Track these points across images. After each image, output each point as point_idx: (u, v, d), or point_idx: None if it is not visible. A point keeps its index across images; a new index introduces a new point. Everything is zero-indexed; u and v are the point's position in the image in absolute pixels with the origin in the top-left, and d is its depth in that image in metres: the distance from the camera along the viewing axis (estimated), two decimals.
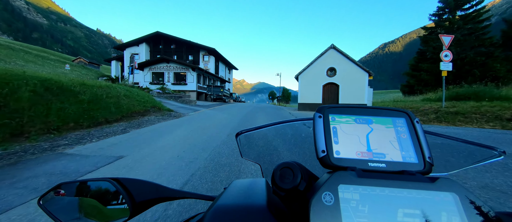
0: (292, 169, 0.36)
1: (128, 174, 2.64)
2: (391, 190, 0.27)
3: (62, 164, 2.96)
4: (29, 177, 2.47)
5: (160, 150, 3.68)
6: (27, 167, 2.81)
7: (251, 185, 0.42)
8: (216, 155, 3.38)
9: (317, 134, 0.35)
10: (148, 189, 0.39)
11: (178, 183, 2.38)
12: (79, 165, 2.91)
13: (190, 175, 2.58)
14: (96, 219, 0.36)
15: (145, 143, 4.18)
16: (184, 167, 2.84)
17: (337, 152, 0.33)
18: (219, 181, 2.44)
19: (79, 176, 2.56)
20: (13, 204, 1.85)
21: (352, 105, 0.38)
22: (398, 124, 0.36)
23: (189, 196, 0.43)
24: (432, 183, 0.27)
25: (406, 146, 0.33)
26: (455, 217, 0.25)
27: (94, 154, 3.41)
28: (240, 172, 2.72)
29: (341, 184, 0.27)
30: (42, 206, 0.37)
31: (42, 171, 2.65)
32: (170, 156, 3.34)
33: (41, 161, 3.04)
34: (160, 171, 2.70)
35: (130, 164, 2.99)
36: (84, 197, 0.38)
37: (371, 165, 0.32)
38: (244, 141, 0.57)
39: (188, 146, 3.97)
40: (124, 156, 3.31)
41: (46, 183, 2.30)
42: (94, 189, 0.38)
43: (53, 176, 2.50)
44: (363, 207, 0.26)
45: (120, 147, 3.85)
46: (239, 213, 0.32)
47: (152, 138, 4.66)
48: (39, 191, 2.13)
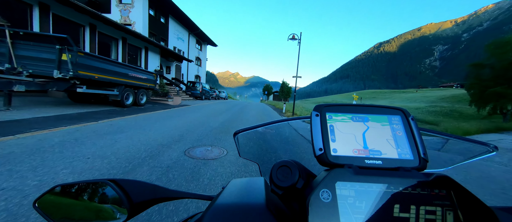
0: (290, 167, 0.37)
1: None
2: (388, 186, 0.27)
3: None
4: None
5: None
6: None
7: (249, 184, 0.42)
8: None
9: (314, 132, 0.35)
10: (146, 190, 0.39)
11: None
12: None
13: None
14: (93, 220, 0.36)
15: None
16: None
17: (334, 150, 0.33)
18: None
19: None
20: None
21: (349, 104, 0.39)
22: (394, 122, 0.36)
23: (187, 196, 0.43)
24: (428, 179, 0.28)
25: (401, 143, 0.34)
26: (450, 212, 0.25)
27: None
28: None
29: (338, 181, 0.28)
30: (37, 208, 0.36)
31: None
32: None
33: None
34: None
35: None
36: (81, 199, 0.37)
37: (367, 162, 0.32)
38: (242, 140, 0.57)
39: None
40: None
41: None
42: (91, 190, 0.37)
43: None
44: (360, 203, 0.26)
45: None
46: (237, 212, 0.32)
47: None
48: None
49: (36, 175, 1.99)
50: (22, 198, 1.61)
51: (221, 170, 2.51)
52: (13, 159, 2.31)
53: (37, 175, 2.01)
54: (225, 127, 5.53)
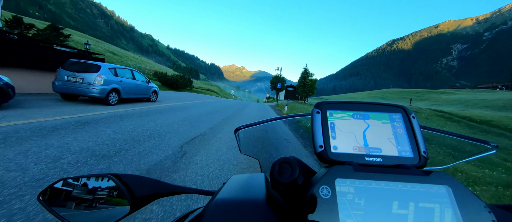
0: (290, 163, 0.38)
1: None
2: (387, 183, 0.27)
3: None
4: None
5: None
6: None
7: (250, 180, 0.42)
8: None
9: (315, 129, 0.35)
10: (148, 185, 0.39)
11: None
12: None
13: None
14: (97, 214, 0.36)
15: None
16: None
17: (335, 147, 0.33)
18: None
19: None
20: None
21: (350, 101, 0.39)
22: (395, 119, 0.36)
23: (188, 191, 0.43)
24: (427, 176, 0.28)
25: (402, 141, 0.34)
26: (448, 209, 0.26)
27: None
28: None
29: (338, 178, 0.28)
30: (41, 201, 0.36)
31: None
32: None
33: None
34: None
35: None
36: (84, 192, 0.37)
37: (367, 160, 0.32)
38: (243, 137, 0.57)
39: None
40: None
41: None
42: (94, 184, 0.38)
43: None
44: (359, 200, 0.26)
45: None
46: (238, 207, 0.32)
47: None
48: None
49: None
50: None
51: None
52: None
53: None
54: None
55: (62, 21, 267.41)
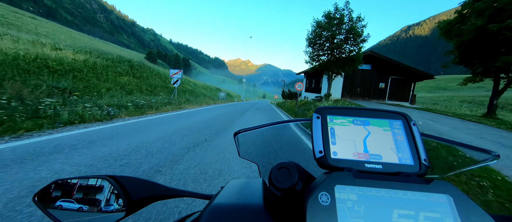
0: (289, 169, 0.37)
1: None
2: (387, 191, 0.27)
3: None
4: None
5: None
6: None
7: (248, 184, 0.41)
8: None
9: (315, 134, 0.35)
10: (145, 187, 0.38)
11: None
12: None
13: None
14: (92, 216, 0.35)
15: None
16: None
17: (334, 153, 0.33)
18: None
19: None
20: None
21: (351, 107, 0.39)
22: (395, 126, 0.36)
23: (185, 195, 0.42)
24: (427, 184, 0.27)
25: (402, 148, 0.34)
26: (449, 218, 0.25)
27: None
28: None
29: (337, 185, 0.27)
30: (37, 203, 0.36)
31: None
32: None
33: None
34: None
35: None
36: (80, 194, 0.37)
37: (367, 166, 0.32)
38: (242, 141, 0.56)
39: None
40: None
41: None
42: (90, 186, 0.37)
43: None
44: (359, 207, 0.26)
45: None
46: (235, 212, 0.31)
47: None
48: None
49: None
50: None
51: None
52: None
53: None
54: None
55: (58, 17, 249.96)
